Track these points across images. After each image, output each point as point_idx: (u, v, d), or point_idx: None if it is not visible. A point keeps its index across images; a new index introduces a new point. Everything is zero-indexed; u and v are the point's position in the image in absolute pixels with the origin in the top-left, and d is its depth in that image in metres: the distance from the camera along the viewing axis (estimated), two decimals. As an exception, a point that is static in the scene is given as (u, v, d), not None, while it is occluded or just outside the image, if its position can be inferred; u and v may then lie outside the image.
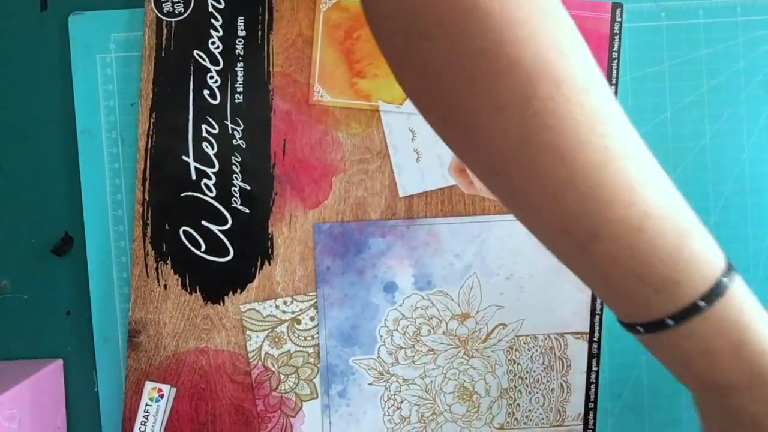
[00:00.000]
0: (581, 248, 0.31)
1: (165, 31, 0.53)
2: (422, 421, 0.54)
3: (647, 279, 0.30)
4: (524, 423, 0.55)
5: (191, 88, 0.53)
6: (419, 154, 0.53)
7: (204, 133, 0.53)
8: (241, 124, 0.53)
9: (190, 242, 0.53)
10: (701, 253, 0.31)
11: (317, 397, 0.54)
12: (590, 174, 0.29)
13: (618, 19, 0.53)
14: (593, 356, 0.55)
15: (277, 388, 0.54)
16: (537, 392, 0.55)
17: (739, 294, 0.32)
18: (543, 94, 0.28)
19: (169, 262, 0.53)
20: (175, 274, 0.53)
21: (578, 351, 0.54)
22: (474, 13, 0.28)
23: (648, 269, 0.30)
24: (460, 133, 0.31)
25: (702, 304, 0.31)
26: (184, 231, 0.53)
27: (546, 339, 0.54)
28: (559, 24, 0.30)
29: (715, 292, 0.31)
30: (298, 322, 0.54)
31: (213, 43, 0.53)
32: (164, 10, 0.52)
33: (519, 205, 0.32)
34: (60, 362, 0.54)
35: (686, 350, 0.32)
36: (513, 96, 0.28)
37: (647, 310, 0.32)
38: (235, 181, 0.53)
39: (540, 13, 0.29)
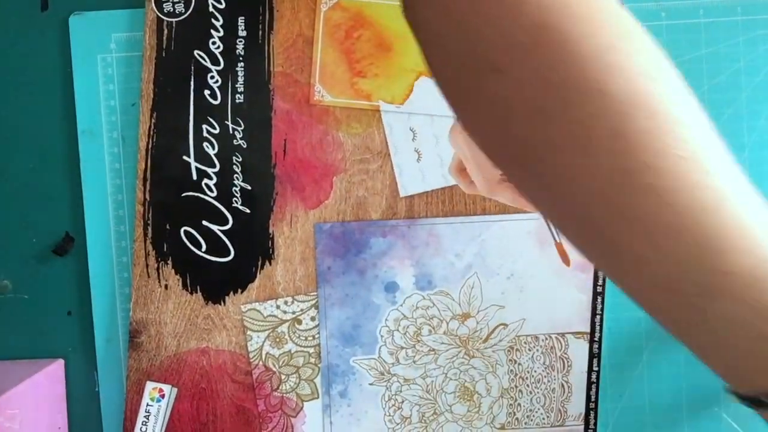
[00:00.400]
0: (693, 309, 0.26)
1: (166, 31, 0.53)
2: (423, 421, 0.54)
3: None
4: (525, 423, 0.55)
5: (192, 88, 0.53)
6: (420, 154, 0.54)
7: (205, 133, 0.53)
8: (242, 124, 0.53)
9: (191, 242, 0.53)
10: None
11: (318, 397, 0.54)
12: (701, 219, 0.24)
13: (618, 19, 0.53)
14: (594, 356, 0.55)
15: (278, 388, 0.54)
16: (538, 392, 0.55)
17: None
18: (637, 128, 0.24)
19: (170, 262, 0.53)
20: (176, 274, 0.53)
21: (579, 351, 0.54)
22: (552, 40, 0.25)
23: None
24: (539, 176, 0.27)
25: None
26: (185, 231, 0.53)
27: (547, 339, 0.54)
28: (645, 48, 0.27)
29: None
30: (299, 322, 0.54)
31: (213, 43, 0.53)
32: (165, 10, 0.53)
33: (611, 258, 0.27)
34: (61, 362, 0.54)
35: None
36: (601, 130, 0.25)
37: None
38: (235, 181, 0.53)
39: (623, 36, 0.26)
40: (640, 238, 0.25)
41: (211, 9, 0.53)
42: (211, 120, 0.53)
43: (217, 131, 0.53)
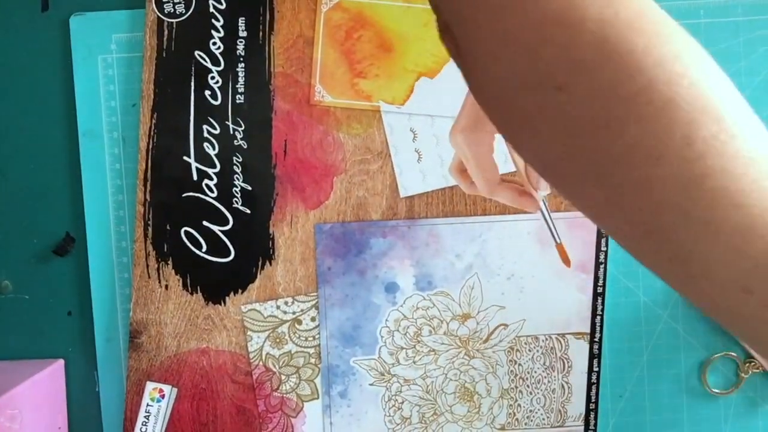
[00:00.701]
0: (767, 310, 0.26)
1: (166, 32, 0.53)
2: (423, 421, 0.54)
3: None
4: (525, 423, 0.55)
5: (192, 88, 0.53)
6: (420, 155, 0.54)
7: (205, 134, 0.53)
8: (242, 124, 0.53)
9: (191, 243, 0.53)
10: None
11: (318, 398, 0.54)
12: None
13: (619, 20, 0.52)
14: (594, 356, 0.55)
15: (278, 388, 0.54)
16: (538, 393, 0.55)
17: None
18: (705, 135, 0.25)
19: (170, 262, 0.53)
20: (176, 274, 0.53)
21: (579, 351, 0.54)
22: (617, 55, 0.25)
23: None
24: (607, 191, 0.27)
25: None
26: (186, 231, 0.53)
27: (547, 339, 0.54)
28: (702, 56, 0.27)
29: None
30: (299, 322, 0.54)
31: (214, 43, 0.53)
32: (165, 11, 0.53)
33: (679, 266, 0.27)
34: (61, 362, 0.54)
35: None
36: (674, 140, 0.25)
37: None
38: (236, 182, 0.53)
39: (683, 46, 0.26)
40: (712, 241, 0.25)
41: (211, 9, 0.53)
42: (211, 120, 0.53)
43: (217, 132, 0.53)
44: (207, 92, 0.53)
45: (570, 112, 0.26)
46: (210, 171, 0.53)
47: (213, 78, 0.53)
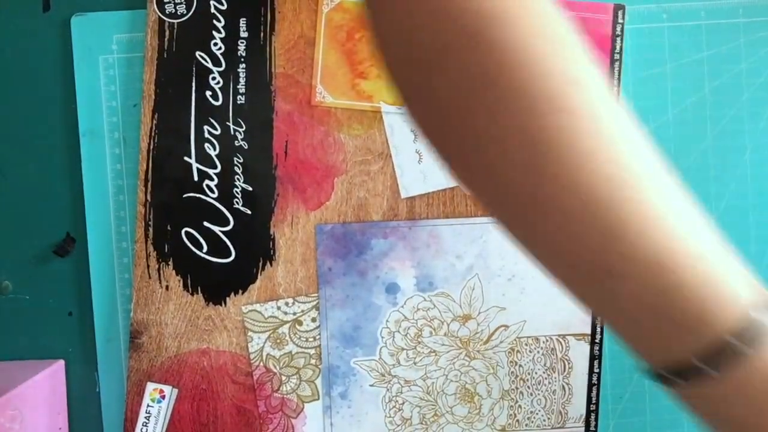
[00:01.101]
0: (602, 289, 0.29)
1: (167, 33, 0.53)
2: (424, 422, 0.54)
3: (678, 318, 0.28)
4: (526, 425, 0.55)
5: (193, 89, 0.53)
6: (421, 156, 0.54)
7: (206, 134, 0.53)
8: (243, 125, 0.53)
9: (192, 243, 0.53)
10: (731, 283, 0.28)
11: (319, 399, 0.54)
12: (606, 207, 0.27)
13: (620, 21, 0.53)
14: (595, 358, 0.55)
15: (278, 389, 0.54)
16: (539, 394, 0.55)
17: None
18: (552, 123, 0.27)
19: (170, 263, 0.53)
20: (176, 275, 0.53)
21: (580, 353, 0.54)
22: (484, 43, 0.27)
23: (677, 305, 0.27)
24: (468, 169, 0.30)
25: (760, 315, 0.28)
26: (186, 232, 0.53)
27: (547, 340, 0.54)
28: (570, 49, 0.29)
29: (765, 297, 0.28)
30: (300, 323, 0.54)
31: (215, 44, 0.53)
32: (166, 12, 0.53)
33: (531, 241, 0.30)
34: (62, 363, 0.54)
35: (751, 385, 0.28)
36: (522, 125, 0.27)
37: (684, 352, 0.28)
38: (236, 182, 0.53)
39: (548, 38, 0.28)
40: (554, 224, 0.28)
41: (212, 10, 0.53)
42: (212, 121, 0.53)
43: (218, 132, 0.53)
44: (208, 93, 0.53)
45: (440, 91, 0.28)
46: (211, 171, 0.53)
47: (214, 78, 0.53)
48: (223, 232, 0.53)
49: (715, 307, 0.27)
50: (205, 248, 0.53)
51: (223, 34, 0.53)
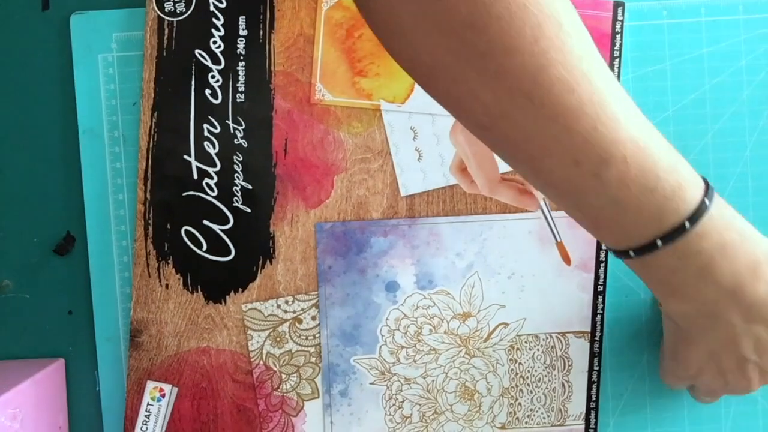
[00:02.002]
0: (594, 177, 0.33)
1: (166, 31, 0.53)
2: (424, 420, 0.54)
3: (659, 190, 0.33)
4: (526, 422, 0.55)
5: (193, 87, 0.53)
6: (421, 154, 0.53)
7: (206, 133, 0.53)
8: (243, 123, 0.53)
9: (191, 242, 0.53)
10: (683, 159, 0.35)
11: (319, 397, 0.54)
12: (598, 99, 0.32)
13: (620, 18, 0.52)
14: (595, 355, 0.55)
15: (278, 387, 0.54)
16: (538, 391, 0.55)
17: (722, 200, 0.36)
18: (549, 34, 0.31)
19: (170, 261, 0.53)
20: (176, 273, 0.53)
21: (580, 350, 0.54)
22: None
23: (657, 181, 0.33)
24: (469, 85, 0.33)
25: (707, 201, 0.34)
26: (186, 230, 0.53)
27: (547, 338, 0.54)
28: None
29: (710, 192, 0.35)
30: (300, 321, 0.54)
31: (214, 42, 0.53)
32: (166, 10, 0.53)
33: (529, 145, 0.34)
34: (62, 362, 0.54)
35: (704, 251, 0.35)
36: (523, 38, 0.31)
37: (662, 221, 0.34)
38: (236, 181, 0.53)
39: None
40: (553, 122, 0.32)
41: (212, 8, 0.53)
42: (211, 119, 0.53)
43: (217, 130, 0.53)
44: (207, 91, 0.53)
45: (442, 16, 0.31)
46: (210, 170, 0.53)
47: (213, 77, 0.53)
48: (222, 230, 0.53)
49: (691, 176, 0.34)
50: (205, 247, 0.53)
51: (222, 32, 0.53)
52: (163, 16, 0.53)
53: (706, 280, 0.36)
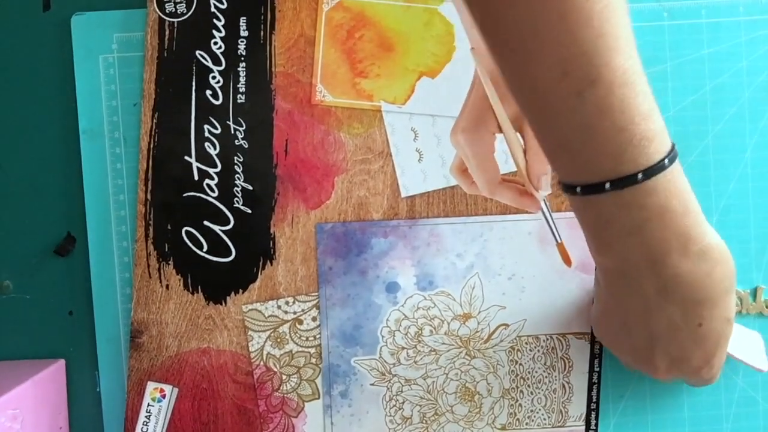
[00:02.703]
0: (576, 95, 0.33)
1: (167, 32, 0.53)
2: (424, 421, 0.54)
3: (628, 132, 0.33)
4: (526, 423, 0.55)
5: (193, 88, 0.53)
6: (421, 155, 0.53)
7: (206, 134, 0.53)
8: (243, 124, 0.53)
9: (192, 242, 0.53)
10: (661, 118, 0.35)
11: (319, 398, 0.54)
12: (603, 20, 0.32)
13: (620, 19, 0.52)
14: (595, 357, 0.55)
15: (279, 388, 0.54)
16: (539, 393, 0.55)
17: (681, 171, 0.36)
18: None
19: (171, 262, 0.53)
20: (177, 274, 0.53)
21: (580, 351, 0.54)
22: None
23: (629, 122, 0.33)
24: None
25: (666, 162, 0.35)
26: (187, 231, 0.53)
27: (548, 339, 0.54)
28: None
29: (673, 155, 0.35)
30: (300, 322, 0.54)
31: (215, 43, 0.53)
32: (167, 11, 0.53)
33: (528, 42, 0.33)
34: (62, 362, 0.54)
35: (645, 208, 0.35)
36: None
37: (619, 164, 0.34)
38: (237, 182, 0.53)
39: None
40: (545, 28, 0.32)
41: (212, 9, 0.53)
42: (212, 120, 0.53)
43: (218, 131, 0.53)
44: (208, 92, 0.53)
45: None
46: (211, 171, 0.53)
47: (214, 77, 0.53)
48: (223, 231, 0.53)
49: (660, 133, 0.35)
50: (206, 247, 0.53)
51: (223, 33, 0.53)
52: (164, 16, 0.53)
53: (635, 239, 0.36)
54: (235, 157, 0.53)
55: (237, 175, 0.53)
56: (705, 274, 0.37)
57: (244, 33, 0.53)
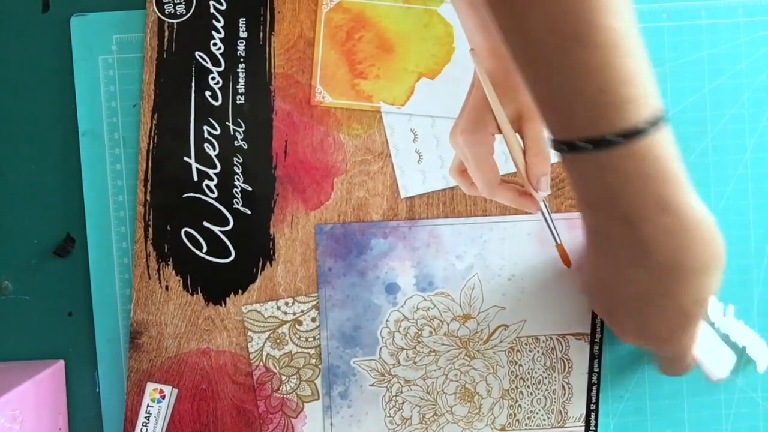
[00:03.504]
0: (562, 53, 0.33)
1: (167, 33, 0.53)
2: (424, 422, 0.54)
3: (607, 94, 0.33)
4: (526, 424, 0.55)
5: (193, 89, 0.53)
6: (421, 155, 0.54)
7: (205, 135, 0.53)
8: (243, 125, 0.53)
9: (191, 243, 0.53)
10: (651, 84, 0.35)
11: (318, 398, 0.54)
12: None
13: (619, 20, 0.52)
14: (595, 357, 0.55)
15: (278, 389, 0.54)
16: (538, 393, 0.55)
17: (668, 134, 0.36)
18: None
19: (170, 263, 0.53)
20: (176, 275, 0.53)
21: (580, 352, 0.54)
22: None
23: (608, 84, 0.33)
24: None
25: (647, 127, 0.34)
26: (186, 232, 0.53)
27: (547, 340, 0.54)
28: None
29: (655, 120, 0.35)
30: (300, 323, 0.54)
31: (214, 44, 0.53)
32: (166, 12, 0.53)
33: (514, 13, 0.34)
34: (62, 363, 0.54)
35: (622, 171, 0.35)
36: None
37: (597, 124, 0.34)
38: (236, 182, 0.53)
39: None
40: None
41: (212, 10, 0.53)
42: (211, 121, 0.53)
43: (217, 132, 0.53)
44: (207, 93, 0.53)
45: None
46: (210, 172, 0.53)
47: (213, 79, 0.53)
48: (222, 232, 0.53)
49: (644, 97, 0.34)
50: (205, 248, 0.53)
51: (222, 34, 0.53)
52: (164, 17, 0.53)
53: (613, 201, 0.36)
54: (235, 158, 0.53)
55: (236, 176, 0.53)
56: (679, 246, 0.36)
57: (243, 34, 0.53)
